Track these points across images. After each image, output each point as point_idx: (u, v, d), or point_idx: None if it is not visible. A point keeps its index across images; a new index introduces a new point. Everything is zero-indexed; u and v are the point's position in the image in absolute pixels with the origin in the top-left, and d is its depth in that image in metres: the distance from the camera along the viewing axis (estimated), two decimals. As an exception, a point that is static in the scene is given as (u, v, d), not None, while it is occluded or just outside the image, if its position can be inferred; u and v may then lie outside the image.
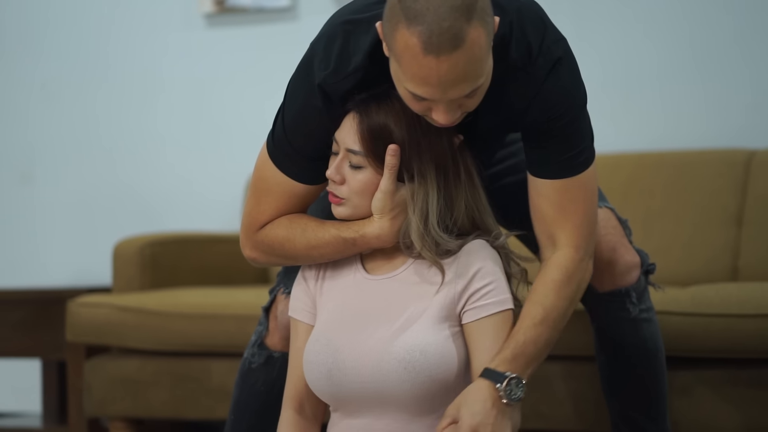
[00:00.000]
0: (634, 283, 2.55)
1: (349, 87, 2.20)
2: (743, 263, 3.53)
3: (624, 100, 3.98)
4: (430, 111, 2.12)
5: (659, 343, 2.64)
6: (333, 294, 2.29)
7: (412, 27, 2.01)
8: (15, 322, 4.19)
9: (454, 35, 2.00)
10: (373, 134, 2.18)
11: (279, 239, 2.32)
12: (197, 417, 3.56)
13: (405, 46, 2.03)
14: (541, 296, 2.27)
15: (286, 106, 2.28)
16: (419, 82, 2.05)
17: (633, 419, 2.65)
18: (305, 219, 2.32)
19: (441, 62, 2.02)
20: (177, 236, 4.10)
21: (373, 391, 2.18)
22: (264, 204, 2.33)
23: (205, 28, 4.63)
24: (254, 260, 2.39)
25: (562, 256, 2.30)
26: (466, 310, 2.19)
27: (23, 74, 4.89)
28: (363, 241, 2.24)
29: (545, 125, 2.24)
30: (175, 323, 3.53)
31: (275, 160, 2.30)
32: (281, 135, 2.28)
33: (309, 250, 2.29)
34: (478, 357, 2.18)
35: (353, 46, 2.19)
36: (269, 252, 2.35)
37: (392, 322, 2.19)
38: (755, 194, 3.58)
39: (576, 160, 2.28)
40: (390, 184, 2.19)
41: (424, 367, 2.14)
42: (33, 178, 4.87)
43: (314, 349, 2.24)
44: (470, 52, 2.02)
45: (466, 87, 2.07)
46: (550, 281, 2.28)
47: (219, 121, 4.61)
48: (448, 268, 2.20)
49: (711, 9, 3.91)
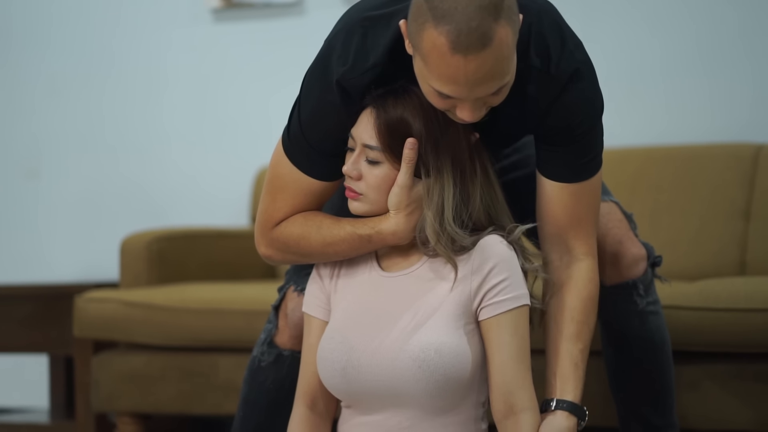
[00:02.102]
0: (641, 276, 2.55)
1: (367, 83, 2.20)
2: (751, 257, 3.53)
3: (630, 95, 3.98)
4: (455, 108, 2.12)
5: (666, 335, 2.64)
6: (348, 291, 2.29)
7: (440, 26, 2.01)
8: (22, 317, 4.19)
9: (482, 34, 2.00)
10: (390, 128, 2.18)
11: (294, 237, 2.31)
12: (205, 412, 3.56)
13: (432, 45, 2.03)
14: (584, 316, 2.32)
15: (302, 102, 2.28)
16: (446, 81, 2.06)
17: (640, 413, 2.66)
18: (320, 216, 2.31)
19: (469, 61, 2.02)
20: (184, 231, 4.10)
21: (388, 389, 2.18)
22: (279, 201, 2.32)
23: (212, 23, 4.63)
24: (269, 258, 2.38)
25: (590, 269, 2.34)
26: (483, 307, 2.18)
27: (29, 70, 4.89)
28: (379, 238, 2.24)
29: (564, 131, 2.26)
30: (183, 318, 3.53)
31: (291, 156, 2.30)
32: (297, 131, 2.28)
33: (324, 248, 2.29)
34: (498, 353, 2.18)
35: (372, 42, 2.19)
36: (284, 249, 2.34)
37: (407, 320, 2.19)
38: (763, 188, 3.58)
39: (589, 165, 2.31)
40: (407, 178, 2.19)
41: (438, 365, 2.14)
42: (39, 174, 4.88)
43: (329, 346, 2.24)
44: (498, 51, 2.03)
45: (493, 85, 2.07)
46: (589, 299, 2.34)
47: (225, 116, 4.61)
48: (464, 264, 2.20)
49: (716, 4, 3.90)
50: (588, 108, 2.26)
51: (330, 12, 4.11)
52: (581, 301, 2.32)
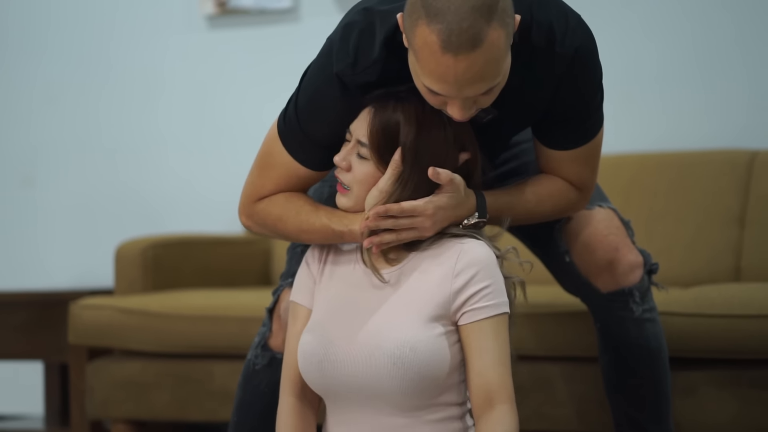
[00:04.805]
0: (637, 283, 2.56)
1: (369, 79, 2.21)
2: (746, 264, 3.53)
3: (626, 101, 3.98)
4: (446, 105, 2.14)
5: (662, 343, 2.64)
6: (332, 282, 2.30)
7: (432, 24, 2.03)
8: (17, 324, 4.19)
9: (473, 35, 2.02)
10: (382, 131, 2.20)
11: (273, 216, 2.36)
12: (200, 419, 3.56)
13: (424, 42, 2.04)
14: (545, 193, 2.38)
15: (301, 91, 2.30)
16: (436, 79, 2.07)
17: (636, 420, 2.66)
18: (301, 201, 2.35)
19: (459, 61, 2.03)
20: (179, 238, 4.10)
21: (363, 385, 2.19)
22: (266, 178, 2.37)
23: (207, 29, 4.63)
24: (248, 228, 2.45)
25: (573, 191, 2.41)
26: (465, 312, 2.19)
27: (25, 77, 4.89)
28: (350, 236, 2.27)
29: (577, 104, 2.29)
30: (178, 325, 3.53)
31: (284, 141, 2.33)
32: (293, 119, 2.30)
33: (299, 233, 2.34)
34: (479, 358, 2.18)
35: (372, 39, 2.20)
36: (262, 225, 2.40)
37: (385, 317, 2.20)
38: (758, 194, 3.58)
39: (594, 126, 2.35)
40: (389, 185, 2.21)
41: (413, 363, 2.15)
42: (35, 181, 4.87)
43: (308, 339, 2.25)
44: (488, 53, 2.04)
45: (483, 86, 2.08)
46: (561, 188, 2.39)
47: (221, 122, 4.62)
48: (447, 264, 2.21)
49: (712, 10, 3.91)
50: (595, 79, 2.29)
51: (324, 18, 4.12)
52: (550, 184, 2.40)
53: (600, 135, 2.37)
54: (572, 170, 2.37)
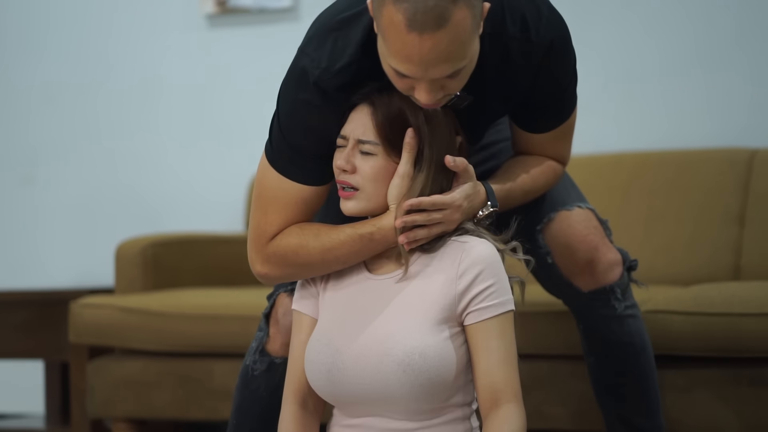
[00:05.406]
0: (617, 280, 2.58)
1: (345, 81, 2.21)
2: (745, 262, 3.53)
3: (625, 100, 3.98)
4: (413, 90, 2.13)
5: (646, 338, 2.67)
6: (336, 292, 2.29)
7: (398, 3, 2.03)
8: (18, 323, 4.19)
9: (438, 15, 2.01)
10: (390, 121, 2.19)
11: (292, 247, 2.27)
12: (200, 418, 3.56)
13: (390, 21, 2.04)
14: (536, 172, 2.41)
15: (280, 110, 2.28)
16: (402, 59, 2.06)
17: (627, 417, 2.68)
18: (317, 225, 2.29)
19: (424, 40, 2.03)
20: (179, 237, 4.11)
21: (372, 393, 2.18)
22: (271, 214, 2.29)
23: (207, 28, 4.63)
24: (266, 276, 2.33)
25: (556, 164, 2.46)
26: (470, 312, 2.18)
27: (24, 76, 4.89)
28: (381, 234, 2.22)
29: (556, 90, 2.31)
30: (178, 324, 3.53)
31: (276, 165, 2.29)
32: (279, 138, 2.28)
33: (324, 254, 2.24)
34: (485, 357, 2.18)
35: (344, 43, 2.20)
36: (282, 263, 2.29)
37: (392, 324, 2.19)
38: (757, 193, 3.58)
39: (570, 107, 2.39)
40: (409, 167, 2.19)
41: (423, 369, 2.14)
42: (35, 180, 4.88)
43: (315, 348, 2.24)
44: (453, 33, 2.04)
45: (448, 68, 2.07)
46: (548, 163, 2.44)
47: (220, 122, 4.62)
48: (450, 265, 2.20)
49: (712, 8, 3.91)
50: (570, 66, 2.31)
51: (325, 18, 4.10)
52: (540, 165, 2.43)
53: (575, 111, 2.41)
54: (552, 148, 2.42)
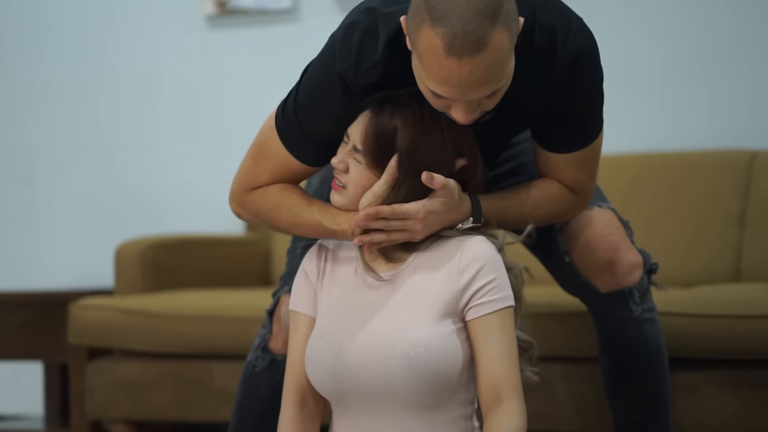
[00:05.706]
0: (636, 283, 2.56)
1: (371, 81, 2.21)
2: (746, 264, 3.53)
3: (626, 102, 3.98)
4: (449, 108, 2.13)
5: (662, 342, 2.64)
6: (334, 289, 2.29)
7: (436, 27, 2.02)
8: (17, 324, 4.19)
9: (477, 39, 2.01)
10: (378, 136, 2.20)
11: (266, 208, 2.36)
12: (200, 419, 3.56)
13: (428, 45, 2.04)
14: (540, 196, 2.37)
15: (301, 87, 2.29)
16: (440, 82, 2.06)
17: (636, 420, 2.66)
18: (295, 194, 2.35)
19: (462, 65, 2.02)
20: (179, 238, 4.10)
21: (378, 387, 2.18)
22: (260, 168, 2.35)
23: (207, 29, 4.63)
24: (238, 215, 2.43)
25: (570, 195, 2.40)
26: (471, 307, 2.19)
27: (25, 76, 4.89)
28: (342, 235, 2.27)
29: (579, 107, 2.28)
30: (178, 325, 3.53)
31: (281, 134, 2.32)
32: (292, 114, 2.29)
33: (291, 227, 2.35)
34: (486, 352, 2.18)
35: (374, 39, 2.19)
36: (254, 214, 2.39)
37: (395, 317, 2.20)
38: (758, 195, 3.58)
39: (593, 130, 2.34)
40: (384, 190, 2.21)
41: (428, 362, 2.15)
42: (34, 180, 4.87)
43: (317, 345, 2.24)
44: (492, 57, 2.03)
45: (486, 89, 2.08)
46: (557, 192, 2.38)
47: (220, 122, 4.61)
48: (450, 262, 2.21)
49: (714, 10, 3.91)
50: (595, 82, 2.28)
51: (324, 18, 4.12)
52: (547, 189, 2.39)
53: (599, 140, 2.36)
54: (570, 174, 2.36)
